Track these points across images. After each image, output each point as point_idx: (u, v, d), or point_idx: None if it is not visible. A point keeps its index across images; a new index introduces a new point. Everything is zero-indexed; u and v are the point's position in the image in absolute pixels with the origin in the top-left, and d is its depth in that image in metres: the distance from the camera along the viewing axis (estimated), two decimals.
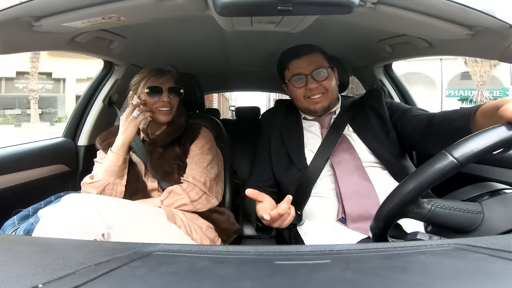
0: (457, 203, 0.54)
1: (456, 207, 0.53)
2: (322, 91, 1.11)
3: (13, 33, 0.86)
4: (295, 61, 1.13)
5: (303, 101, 1.14)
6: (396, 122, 1.09)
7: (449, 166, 0.49)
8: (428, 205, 0.53)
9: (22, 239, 0.65)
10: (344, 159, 1.06)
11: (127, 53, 1.48)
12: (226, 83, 3.14)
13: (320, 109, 1.13)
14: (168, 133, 1.22)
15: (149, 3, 0.79)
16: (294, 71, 1.12)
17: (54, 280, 0.29)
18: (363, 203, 0.97)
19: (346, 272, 0.33)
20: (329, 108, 1.15)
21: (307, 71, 1.10)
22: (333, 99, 1.15)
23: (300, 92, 1.13)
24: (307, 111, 1.17)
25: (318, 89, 1.11)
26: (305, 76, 1.10)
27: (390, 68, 1.82)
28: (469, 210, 0.53)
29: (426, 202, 0.53)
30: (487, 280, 0.30)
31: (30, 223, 1.05)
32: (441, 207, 0.53)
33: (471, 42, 0.95)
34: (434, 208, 0.53)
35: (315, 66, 1.10)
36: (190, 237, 1.04)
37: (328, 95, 1.12)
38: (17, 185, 1.29)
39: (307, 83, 1.10)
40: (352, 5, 0.68)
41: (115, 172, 1.11)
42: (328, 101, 1.13)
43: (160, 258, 0.38)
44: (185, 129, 1.25)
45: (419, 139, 0.99)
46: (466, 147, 0.49)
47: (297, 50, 1.14)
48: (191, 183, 1.13)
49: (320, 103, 1.12)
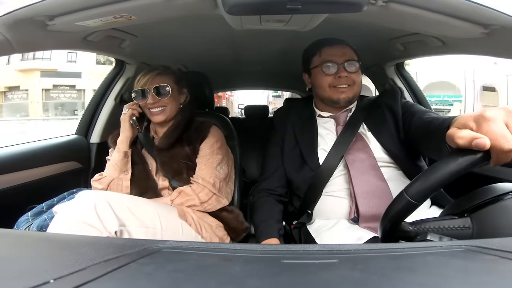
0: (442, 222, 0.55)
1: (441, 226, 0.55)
2: (349, 83, 1.09)
3: (28, 32, 0.88)
4: (328, 48, 1.12)
5: (327, 90, 1.11)
6: (405, 122, 1.07)
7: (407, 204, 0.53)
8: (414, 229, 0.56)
9: (36, 235, 0.66)
10: (359, 158, 1.04)
11: (138, 51, 1.50)
12: (234, 82, 3.15)
13: (344, 100, 1.10)
14: (166, 133, 1.21)
15: (159, 2, 0.80)
16: (327, 58, 1.10)
17: (65, 276, 0.29)
18: (378, 203, 0.96)
19: (353, 272, 0.33)
20: (352, 101, 1.13)
21: (340, 60, 1.09)
22: (357, 94, 1.13)
23: (327, 80, 1.10)
24: (329, 101, 1.14)
25: (347, 79, 1.09)
26: (337, 65, 1.09)
27: (402, 66, 1.80)
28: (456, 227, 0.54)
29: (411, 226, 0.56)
30: (497, 282, 0.30)
31: (43, 219, 1.08)
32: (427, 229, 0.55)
33: (486, 41, 0.92)
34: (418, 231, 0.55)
35: (348, 57, 1.09)
36: (200, 235, 1.05)
37: (354, 88, 1.11)
38: (31, 181, 1.32)
39: (338, 72, 1.08)
40: (361, 3, 0.67)
41: (118, 167, 1.16)
42: (353, 93, 1.11)
43: (168, 255, 0.39)
44: (193, 128, 1.24)
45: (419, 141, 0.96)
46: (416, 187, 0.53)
47: (330, 40, 1.14)
48: (200, 184, 1.12)
49: (345, 93, 1.09)
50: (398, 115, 1.10)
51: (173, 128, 1.21)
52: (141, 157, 1.22)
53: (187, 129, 1.23)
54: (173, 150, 1.19)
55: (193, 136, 1.22)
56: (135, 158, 1.20)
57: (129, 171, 1.16)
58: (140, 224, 0.89)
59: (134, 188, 1.16)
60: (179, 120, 1.23)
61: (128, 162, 1.17)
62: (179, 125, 1.22)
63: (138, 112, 1.21)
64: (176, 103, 1.22)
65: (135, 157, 1.21)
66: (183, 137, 1.22)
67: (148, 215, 0.93)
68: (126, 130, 1.19)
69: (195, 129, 1.24)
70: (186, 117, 1.24)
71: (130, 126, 1.20)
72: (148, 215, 0.93)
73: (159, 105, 1.18)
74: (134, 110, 1.20)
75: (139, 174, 1.18)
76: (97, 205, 0.83)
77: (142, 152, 1.24)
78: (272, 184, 1.18)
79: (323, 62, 1.10)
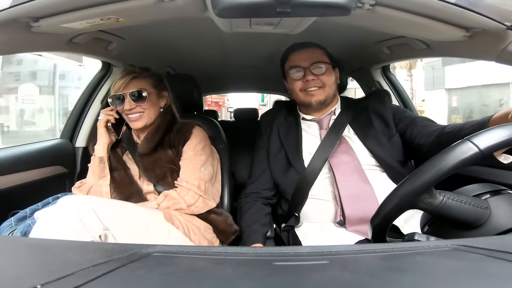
0: (467, 197, 0.54)
1: (467, 201, 0.53)
2: (319, 85, 1.10)
3: (12, 34, 0.86)
4: (296, 52, 1.14)
5: (299, 94, 1.13)
6: (404, 130, 1.08)
7: (471, 154, 0.48)
8: (441, 195, 0.53)
9: (20, 240, 0.65)
10: (343, 161, 1.05)
11: (125, 54, 1.48)
12: (224, 85, 3.15)
13: (315, 102, 1.11)
14: (147, 138, 1.17)
15: (148, 5, 0.79)
16: (294, 63, 1.13)
17: (52, 281, 0.29)
18: (363, 206, 0.97)
19: (343, 273, 0.33)
20: (326, 102, 1.13)
21: (306, 64, 1.10)
22: (330, 95, 1.13)
23: (297, 85, 1.12)
24: (304, 104, 1.16)
25: (315, 82, 1.10)
26: (303, 69, 1.10)
27: (388, 69, 1.83)
28: (478, 205, 0.53)
29: (438, 193, 0.53)
30: (484, 281, 0.31)
31: (27, 224, 1.05)
32: (452, 199, 0.53)
33: (468, 43, 0.95)
34: (445, 200, 0.53)
35: (314, 60, 1.10)
36: (188, 237, 1.03)
37: (325, 90, 1.11)
38: (14, 186, 1.28)
39: (305, 76, 1.10)
40: (350, 7, 0.68)
41: (96, 173, 1.14)
42: (324, 96, 1.11)
43: (158, 259, 0.38)
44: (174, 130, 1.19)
45: (428, 149, 0.97)
46: (489, 137, 0.49)
47: (300, 44, 1.16)
48: (185, 188, 1.10)
49: (316, 96, 1.10)
50: (387, 119, 1.11)
51: (153, 132, 1.17)
52: (122, 162, 1.19)
53: (168, 132, 1.19)
54: (156, 155, 1.16)
55: (175, 139, 1.18)
56: (115, 163, 1.17)
57: (108, 177, 1.14)
58: (125, 228, 0.88)
59: (118, 194, 1.13)
60: (159, 124, 1.18)
61: (106, 168, 1.15)
62: (159, 129, 1.18)
63: (114, 118, 1.17)
64: (155, 107, 1.18)
65: (115, 163, 1.18)
66: (164, 140, 1.18)
67: (133, 219, 0.92)
68: (102, 136, 1.17)
69: (177, 131, 1.19)
70: (167, 120, 1.20)
71: (106, 132, 1.17)
72: (133, 218, 0.92)
73: (137, 111, 1.14)
74: (109, 116, 1.16)
75: (121, 180, 1.15)
76: (79, 210, 0.82)
77: (123, 157, 1.21)
78: (259, 186, 1.19)
79: (290, 67, 1.13)
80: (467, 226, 0.54)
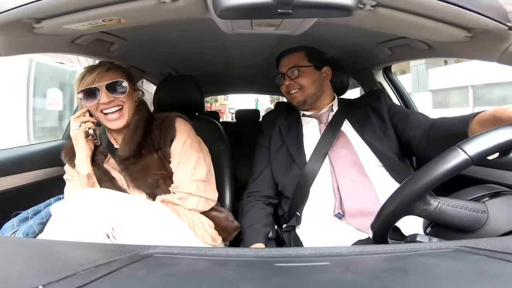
0: (463, 201, 0.54)
1: (462, 205, 0.53)
2: (297, 87, 1.20)
3: (15, 35, 0.86)
4: (281, 59, 1.26)
5: (286, 96, 1.26)
6: (397, 124, 1.13)
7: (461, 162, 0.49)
8: (435, 202, 0.53)
9: (22, 241, 0.65)
10: (342, 155, 1.09)
11: (127, 55, 1.48)
12: (226, 86, 3.15)
13: (296, 103, 1.22)
14: (126, 139, 1.06)
15: (149, 6, 0.79)
16: (279, 69, 1.25)
17: (54, 282, 0.29)
18: (361, 198, 0.99)
19: (345, 274, 0.33)
20: (307, 102, 1.21)
21: (285, 70, 1.21)
22: (310, 95, 1.20)
23: (283, 89, 1.25)
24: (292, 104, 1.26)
25: (292, 85, 1.20)
26: (282, 75, 1.23)
27: (390, 70, 1.83)
28: (474, 209, 0.53)
29: (433, 199, 0.53)
30: (486, 282, 0.30)
31: (29, 225, 1.05)
32: (447, 205, 0.53)
33: (470, 44, 0.95)
34: (440, 206, 0.53)
35: (291, 65, 1.20)
36: (193, 231, 1.00)
37: (304, 91, 1.19)
38: (16, 187, 1.29)
39: (284, 80, 1.22)
40: (351, 8, 0.68)
41: None
42: (303, 97, 1.20)
43: (160, 260, 0.38)
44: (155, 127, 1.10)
45: (418, 142, 1.02)
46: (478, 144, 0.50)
47: (285, 51, 1.26)
48: (184, 193, 1.04)
49: (296, 98, 1.21)
50: (383, 114, 1.16)
51: (132, 131, 1.06)
52: (106, 173, 1.09)
53: (148, 130, 1.10)
54: (142, 161, 1.07)
55: (159, 139, 1.09)
56: (100, 175, 1.07)
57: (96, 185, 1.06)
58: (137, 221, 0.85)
59: None
60: (137, 121, 1.07)
61: (95, 183, 1.05)
62: (137, 126, 1.07)
63: (93, 121, 1.05)
64: (132, 102, 1.08)
65: (100, 174, 1.08)
66: (147, 141, 1.09)
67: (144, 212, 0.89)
68: (82, 148, 1.04)
69: (158, 128, 1.10)
70: (145, 116, 1.10)
71: (86, 142, 1.05)
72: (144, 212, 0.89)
73: (115, 104, 1.03)
74: (87, 123, 1.05)
75: None
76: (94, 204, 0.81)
77: (104, 165, 1.10)
78: (260, 185, 1.21)
79: (277, 74, 1.26)
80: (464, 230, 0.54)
